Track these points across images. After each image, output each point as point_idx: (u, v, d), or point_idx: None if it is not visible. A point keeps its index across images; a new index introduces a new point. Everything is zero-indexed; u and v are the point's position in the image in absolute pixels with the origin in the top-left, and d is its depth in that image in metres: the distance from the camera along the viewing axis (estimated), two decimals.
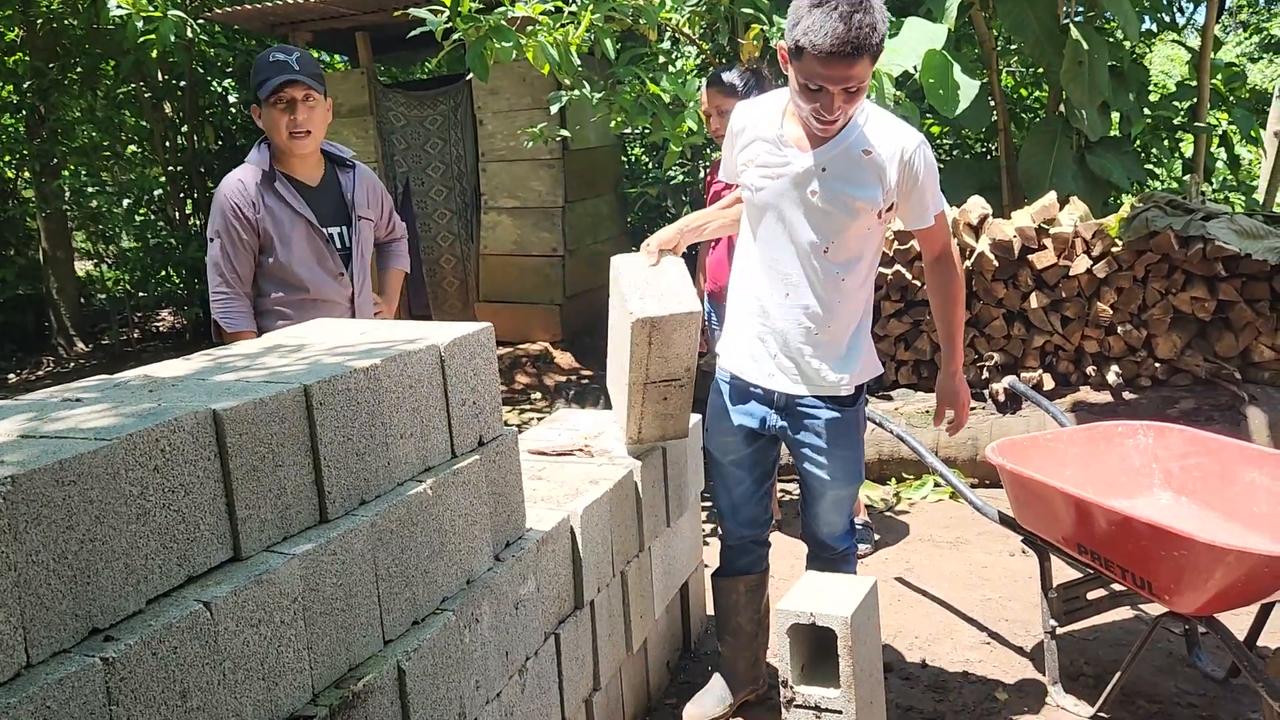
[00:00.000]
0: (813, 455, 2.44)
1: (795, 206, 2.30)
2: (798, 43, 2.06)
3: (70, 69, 8.86)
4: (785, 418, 2.44)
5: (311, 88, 2.71)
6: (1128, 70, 5.31)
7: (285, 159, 2.78)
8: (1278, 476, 2.53)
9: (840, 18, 2.01)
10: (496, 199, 6.93)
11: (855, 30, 2.01)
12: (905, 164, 2.24)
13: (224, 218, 2.71)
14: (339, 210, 2.89)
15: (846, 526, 2.59)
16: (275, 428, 1.51)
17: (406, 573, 1.74)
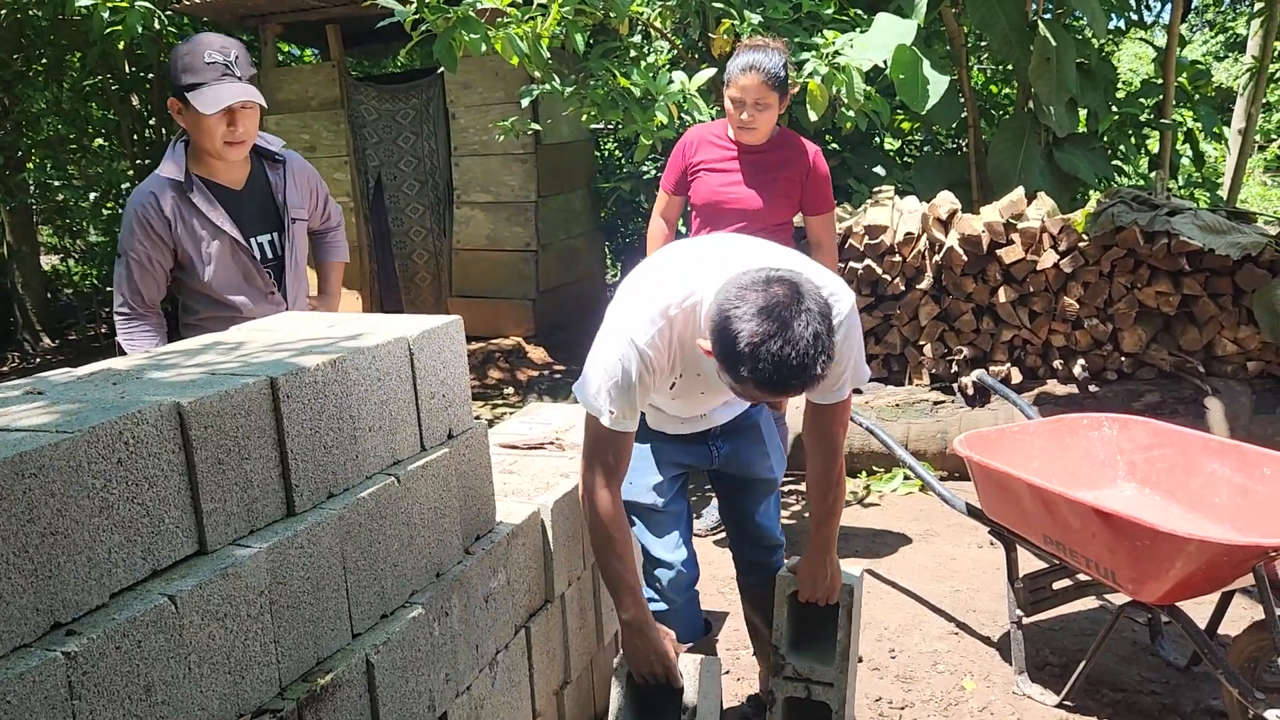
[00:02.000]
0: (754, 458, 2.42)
1: None
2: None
3: (35, 60, 8.74)
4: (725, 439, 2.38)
5: (251, 98, 2.40)
6: (1095, 67, 5.36)
7: (206, 163, 2.47)
8: (1239, 468, 2.57)
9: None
10: (469, 194, 6.91)
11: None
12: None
13: (131, 235, 2.44)
14: (268, 214, 2.59)
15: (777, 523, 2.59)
16: (241, 420, 1.50)
17: (375, 566, 1.73)
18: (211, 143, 2.41)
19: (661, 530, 2.37)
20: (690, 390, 2.14)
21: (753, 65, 3.21)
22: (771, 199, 3.34)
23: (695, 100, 3.99)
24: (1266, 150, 12.67)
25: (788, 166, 3.36)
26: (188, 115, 2.39)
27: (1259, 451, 2.54)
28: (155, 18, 6.23)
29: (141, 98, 9.13)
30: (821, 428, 2.20)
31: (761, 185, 3.34)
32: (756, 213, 3.32)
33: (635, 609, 2.10)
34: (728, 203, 3.34)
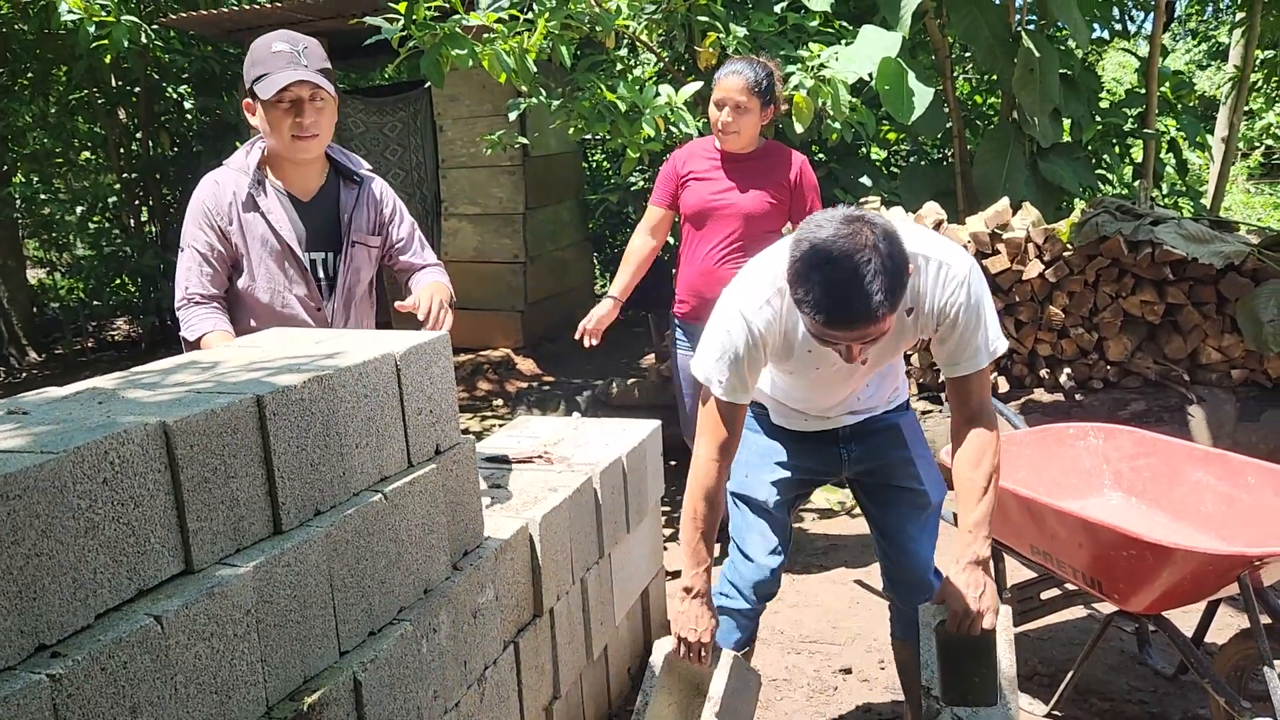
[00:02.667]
0: (900, 470, 2.28)
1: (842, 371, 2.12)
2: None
3: (21, 75, 8.72)
4: (856, 442, 2.30)
5: (320, 85, 2.27)
6: (1079, 77, 5.41)
7: (279, 165, 2.38)
8: (1223, 476, 2.58)
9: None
10: (457, 205, 6.91)
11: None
12: (950, 317, 1.96)
13: (194, 224, 2.36)
14: (330, 232, 2.44)
15: (930, 551, 2.33)
16: (227, 439, 1.50)
17: (363, 583, 1.73)
18: (280, 137, 2.28)
19: (762, 530, 2.30)
20: (804, 368, 2.10)
21: (736, 70, 3.28)
22: (761, 203, 3.35)
23: (681, 113, 4.01)
24: (1249, 158, 12.77)
25: (774, 173, 3.39)
26: (258, 112, 2.29)
27: (1243, 460, 2.56)
28: (141, 32, 6.23)
29: (128, 111, 9.11)
30: (964, 400, 2.03)
31: (750, 190, 3.36)
32: (748, 216, 3.35)
33: (699, 579, 2.09)
34: (718, 207, 3.36)
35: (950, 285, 1.92)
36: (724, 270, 3.35)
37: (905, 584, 2.29)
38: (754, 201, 3.34)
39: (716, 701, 2.04)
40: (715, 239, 3.37)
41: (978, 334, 1.96)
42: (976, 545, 1.98)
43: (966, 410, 2.04)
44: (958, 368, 2.00)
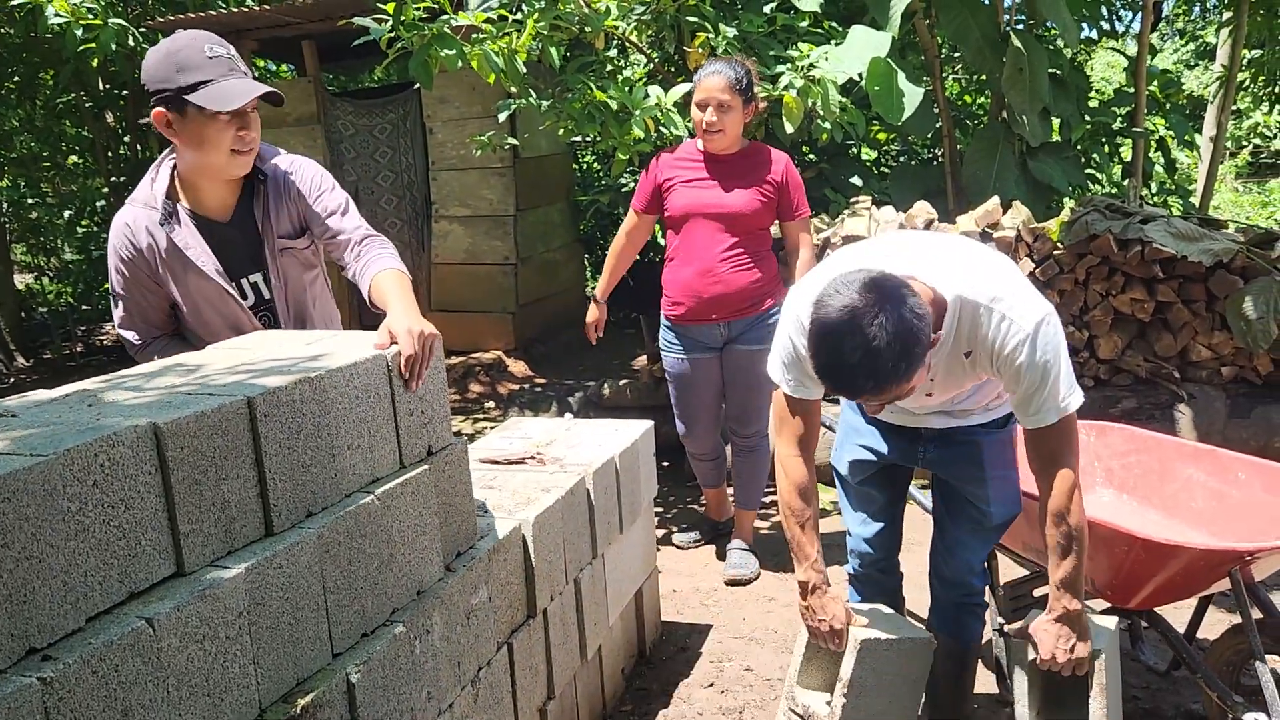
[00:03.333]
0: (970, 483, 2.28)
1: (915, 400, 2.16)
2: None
3: (7, 79, 8.68)
4: (937, 446, 2.30)
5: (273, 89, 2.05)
6: (1068, 77, 5.42)
7: (194, 187, 2.15)
8: (1213, 472, 2.59)
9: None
10: (447, 208, 6.89)
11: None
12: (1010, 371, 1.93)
13: (117, 274, 2.17)
14: (257, 249, 2.23)
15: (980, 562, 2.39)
16: (218, 440, 1.49)
17: (355, 585, 1.72)
18: (218, 154, 2.05)
19: (853, 504, 2.46)
20: None
21: (716, 70, 3.31)
22: (750, 202, 3.36)
23: (671, 115, 4.01)
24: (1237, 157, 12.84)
25: (759, 171, 3.40)
26: (185, 124, 2.01)
27: (1233, 456, 2.57)
28: (129, 35, 6.21)
29: (116, 115, 9.08)
30: (1037, 447, 1.99)
31: (736, 189, 3.36)
32: (735, 215, 3.35)
33: (810, 573, 2.16)
34: (705, 207, 3.36)
35: (1012, 341, 1.89)
36: (724, 271, 3.37)
37: (945, 577, 2.40)
38: (743, 200, 3.35)
39: (845, 684, 2.10)
40: (709, 240, 3.37)
41: (1043, 391, 1.91)
42: (1065, 600, 2.00)
43: (1040, 455, 1.99)
44: (1026, 419, 1.97)
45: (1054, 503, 1.97)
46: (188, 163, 2.12)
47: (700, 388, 3.54)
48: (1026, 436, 2.01)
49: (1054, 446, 1.96)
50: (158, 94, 2.02)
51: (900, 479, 2.47)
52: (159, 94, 2.02)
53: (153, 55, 2.04)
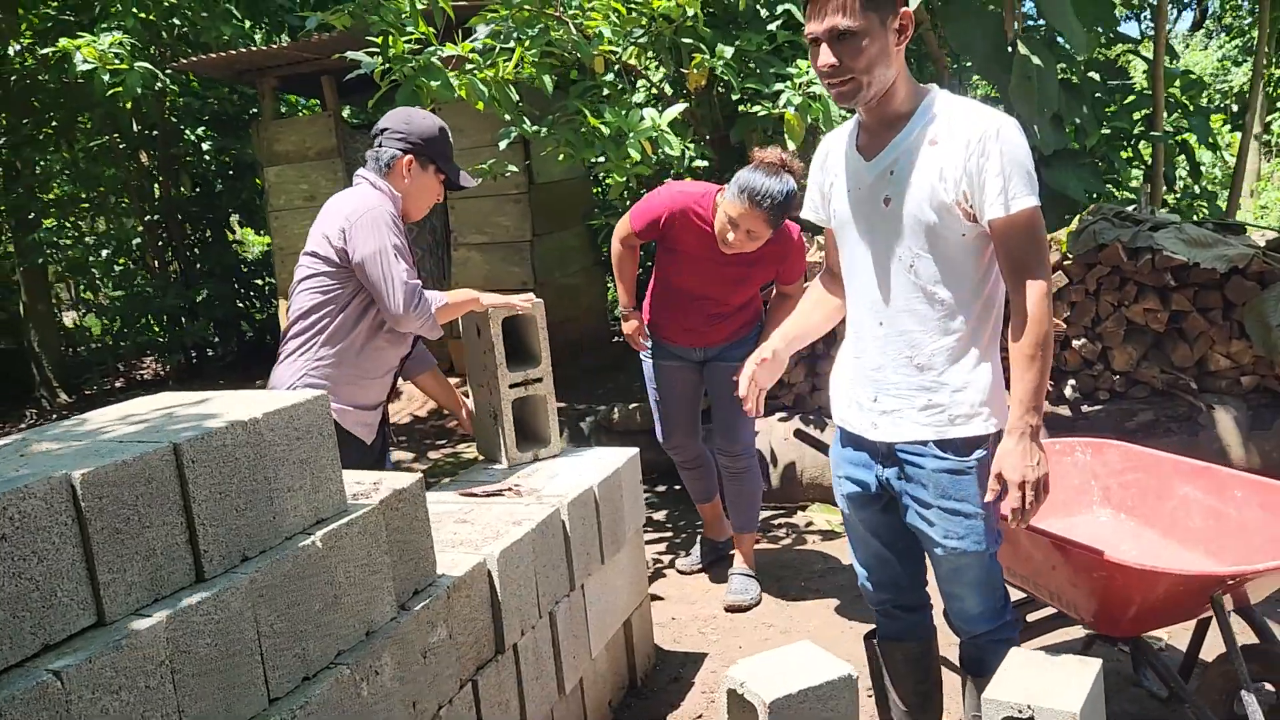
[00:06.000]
0: (919, 510, 2.07)
1: (872, 219, 2.04)
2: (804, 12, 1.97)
3: (45, 124, 8.94)
4: (889, 466, 2.11)
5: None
6: (1082, 82, 5.31)
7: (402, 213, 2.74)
8: (1210, 490, 2.50)
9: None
10: (465, 235, 6.95)
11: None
12: (976, 145, 1.89)
13: (397, 239, 2.61)
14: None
15: (981, 607, 2.13)
16: (141, 489, 1.50)
17: (295, 628, 1.71)
18: (427, 205, 2.85)
19: (851, 542, 2.34)
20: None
21: (759, 196, 2.96)
22: (743, 284, 3.35)
23: (666, 137, 3.99)
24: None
25: (768, 249, 3.18)
26: (422, 177, 2.75)
27: (1230, 473, 2.48)
28: (155, 78, 6.35)
29: (150, 155, 9.29)
30: (1013, 261, 1.91)
31: (734, 269, 3.28)
32: (724, 294, 3.36)
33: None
34: (703, 288, 3.35)
35: (987, 120, 1.91)
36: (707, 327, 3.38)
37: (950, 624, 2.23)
38: (741, 291, 3.37)
39: None
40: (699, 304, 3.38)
41: (1016, 174, 1.88)
42: (1029, 417, 1.91)
43: (1011, 262, 1.92)
44: (994, 207, 1.88)
45: (1022, 312, 1.91)
46: (411, 198, 2.77)
47: (679, 391, 3.52)
48: (998, 245, 1.93)
49: (1024, 251, 1.90)
50: (415, 147, 2.71)
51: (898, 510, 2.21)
52: (416, 147, 2.71)
53: (424, 119, 2.76)
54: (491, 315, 2.91)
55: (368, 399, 2.70)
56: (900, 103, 1.98)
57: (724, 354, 3.43)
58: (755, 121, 4.71)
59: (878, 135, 2.02)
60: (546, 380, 3.02)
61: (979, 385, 2.01)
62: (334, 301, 2.63)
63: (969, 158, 1.90)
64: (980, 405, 2.01)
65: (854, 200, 2.07)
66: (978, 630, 2.16)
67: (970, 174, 1.90)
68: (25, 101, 8.68)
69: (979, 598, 2.12)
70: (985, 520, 2.04)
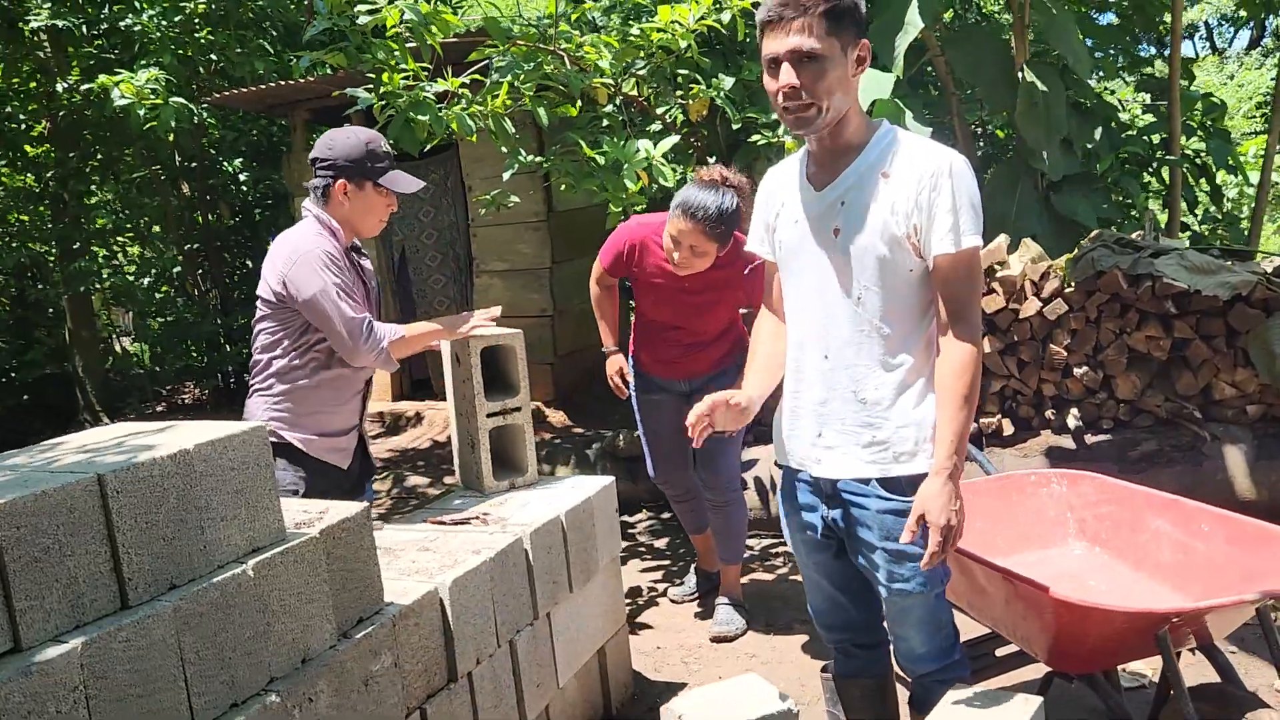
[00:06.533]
0: (864, 551, 2.05)
1: (819, 250, 2.02)
2: (759, 32, 1.94)
3: (90, 157, 9.24)
4: (834, 507, 2.08)
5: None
6: (1093, 106, 5.26)
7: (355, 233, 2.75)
8: (1178, 523, 2.45)
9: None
10: (487, 262, 7.03)
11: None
12: (929, 180, 1.90)
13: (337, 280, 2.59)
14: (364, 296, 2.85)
15: (927, 646, 2.10)
16: (62, 518, 1.55)
17: (222, 655, 1.75)
18: (374, 221, 2.76)
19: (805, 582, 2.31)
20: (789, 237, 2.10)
21: (693, 209, 2.98)
22: (712, 310, 3.35)
23: (661, 168, 4.03)
24: None
25: (729, 271, 3.18)
26: (361, 196, 2.68)
27: (1197, 506, 2.43)
28: (190, 112, 6.56)
29: (190, 185, 9.55)
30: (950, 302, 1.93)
31: (702, 300, 3.31)
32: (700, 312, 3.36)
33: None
34: (673, 319, 3.38)
35: (938, 156, 1.92)
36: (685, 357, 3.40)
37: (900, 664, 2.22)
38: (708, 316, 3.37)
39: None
40: (674, 333, 3.41)
41: (962, 211, 1.89)
42: (954, 458, 1.89)
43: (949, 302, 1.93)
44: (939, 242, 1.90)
45: (960, 359, 1.91)
46: (345, 220, 2.71)
47: (666, 425, 3.51)
48: (939, 282, 1.94)
49: (965, 289, 1.92)
50: (343, 170, 2.65)
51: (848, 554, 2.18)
52: (345, 170, 2.64)
53: (347, 139, 2.67)
54: (471, 345, 2.95)
55: (335, 425, 2.75)
56: (852, 133, 1.98)
57: (708, 386, 3.41)
58: (757, 150, 4.73)
59: (827, 166, 2.01)
60: (525, 410, 3.05)
61: (923, 421, 1.99)
62: (284, 339, 2.68)
63: (920, 191, 1.90)
64: (925, 442, 1.99)
65: (801, 231, 2.06)
66: (924, 670, 2.14)
67: (921, 208, 1.90)
68: (73, 136, 8.98)
69: (924, 637, 2.10)
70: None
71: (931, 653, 2.11)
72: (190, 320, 9.36)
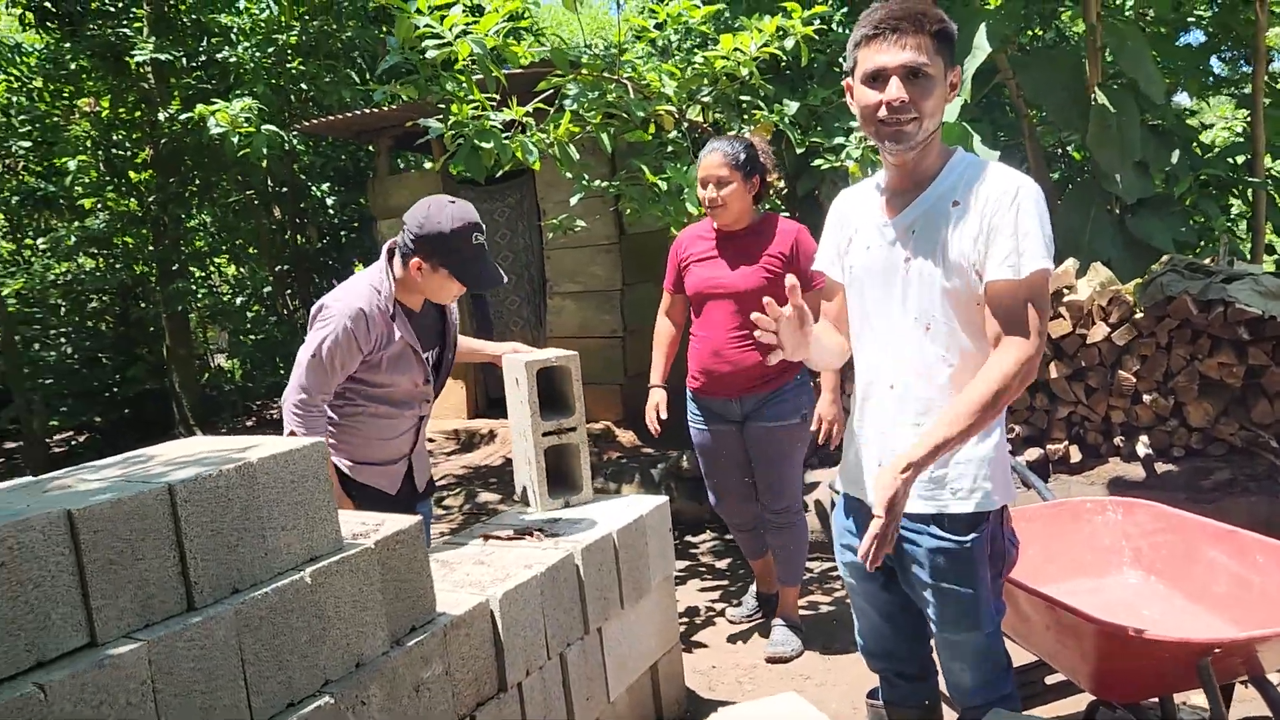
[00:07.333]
0: (917, 589, 2.05)
1: (890, 278, 2.01)
2: (855, 45, 1.94)
3: (189, 182, 9.70)
4: None
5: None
6: (1172, 128, 5.16)
7: (405, 294, 2.77)
8: (1234, 554, 2.41)
9: (892, 4, 1.91)
10: (560, 284, 7.18)
11: (905, 6, 1.89)
12: (993, 205, 1.89)
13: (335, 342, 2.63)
14: (434, 335, 2.93)
15: (977, 681, 2.09)
16: (135, 524, 1.68)
17: (280, 657, 1.86)
18: (439, 295, 2.77)
19: (853, 609, 2.32)
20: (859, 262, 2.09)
21: (713, 148, 3.38)
22: (754, 279, 3.35)
23: None
24: None
25: (767, 246, 3.37)
26: (434, 276, 2.68)
27: (1254, 538, 2.38)
28: (281, 139, 6.86)
29: (281, 209, 9.96)
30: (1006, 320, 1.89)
31: (745, 266, 3.37)
32: (743, 294, 3.34)
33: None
34: (714, 287, 3.41)
35: (1009, 181, 1.91)
36: (733, 350, 3.39)
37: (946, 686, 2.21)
38: (746, 278, 3.36)
39: None
40: (720, 319, 3.42)
41: (1031, 234, 1.87)
42: (929, 458, 1.84)
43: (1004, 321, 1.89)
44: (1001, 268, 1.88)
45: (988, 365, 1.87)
46: (412, 291, 2.76)
47: (724, 458, 3.55)
48: (993, 306, 1.90)
49: (1019, 314, 1.87)
50: (422, 251, 2.65)
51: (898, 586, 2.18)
52: (424, 252, 2.65)
53: (439, 217, 2.64)
54: (527, 366, 3.05)
55: (382, 455, 2.84)
56: (932, 159, 1.98)
57: (762, 412, 3.44)
58: (821, 173, 4.76)
59: (901, 193, 2.02)
60: (580, 430, 3.14)
61: (983, 458, 1.98)
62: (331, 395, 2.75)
63: (984, 218, 1.90)
64: (984, 480, 1.97)
65: (872, 257, 2.05)
66: (973, 703, 2.13)
67: (984, 232, 1.90)
68: (173, 162, 9.45)
69: (974, 672, 2.09)
70: (982, 601, 2.00)
71: (982, 686, 2.08)
72: (279, 338, 9.73)
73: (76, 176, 9.53)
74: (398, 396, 2.82)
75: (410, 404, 2.87)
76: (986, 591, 2.00)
